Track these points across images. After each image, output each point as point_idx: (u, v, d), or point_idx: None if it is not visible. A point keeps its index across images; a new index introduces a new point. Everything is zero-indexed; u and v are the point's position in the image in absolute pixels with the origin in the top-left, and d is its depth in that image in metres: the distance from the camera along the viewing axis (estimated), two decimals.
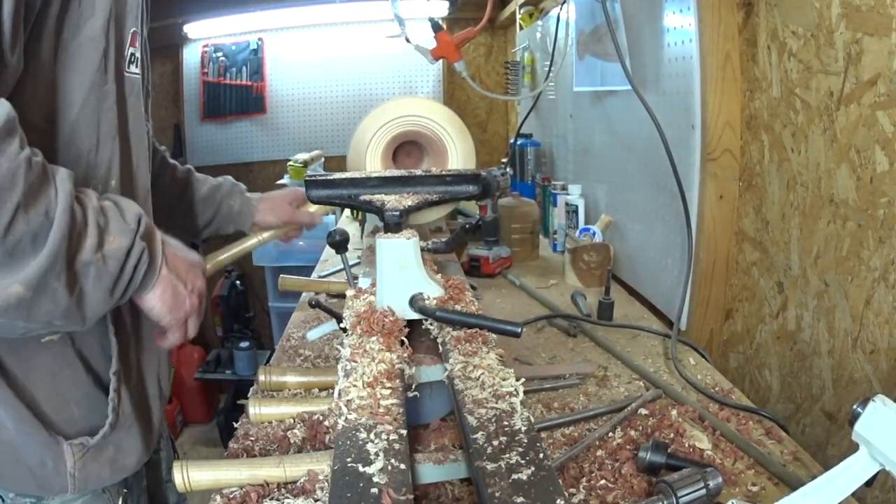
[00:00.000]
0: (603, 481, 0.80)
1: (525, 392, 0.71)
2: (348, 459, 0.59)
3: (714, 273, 1.30)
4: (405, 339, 0.84)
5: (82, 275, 0.61)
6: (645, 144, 1.47)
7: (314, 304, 1.24)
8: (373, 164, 1.28)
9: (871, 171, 0.88)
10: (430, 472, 0.71)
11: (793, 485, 0.77)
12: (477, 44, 3.37)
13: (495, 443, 0.62)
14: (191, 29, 3.44)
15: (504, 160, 2.41)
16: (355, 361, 0.77)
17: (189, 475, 0.75)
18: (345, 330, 0.89)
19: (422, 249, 0.94)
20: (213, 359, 3.29)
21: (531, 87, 2.49)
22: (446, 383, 0.78)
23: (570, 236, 1.72)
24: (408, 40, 1.62)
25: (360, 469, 0.58)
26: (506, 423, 0.65)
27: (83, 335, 0.76)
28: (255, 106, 3.56)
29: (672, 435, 0.90)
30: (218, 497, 0.77)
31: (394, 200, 1.02)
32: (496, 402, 0.69)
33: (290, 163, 2.91)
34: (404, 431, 0.65)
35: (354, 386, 0.72)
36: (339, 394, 0.71)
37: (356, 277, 1.07)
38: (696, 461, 0.82)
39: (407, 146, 1.41)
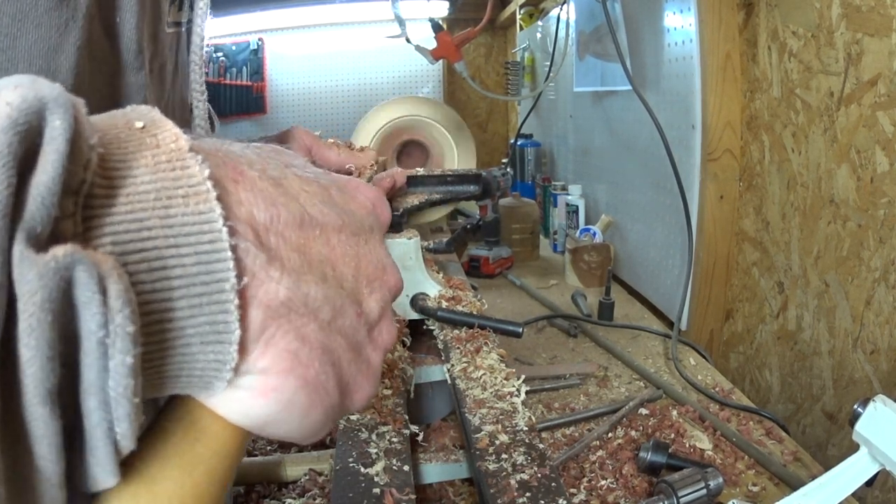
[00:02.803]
0: (604, 481, 0.81)
1: (526, 392, 0.71)
2: (350, 459, 0.60)
3: (714, 273, 1.30)
4: (406, 339, 0.84)
5: None
6: (645, 145, 1.48)
7: None
8: None
9: (872, 172, 0.88)
10: (431, 472, 0.71)
11: (793, 485, 0.78)
12: (477, 44, 3.37)
13: (497, 443, 0.62)
14: None
15: (504, 160, 2.41)
16: None
17: None
18: None
19: (423, 249, 0.94)
20: None
21: (531, 87, 2.49)
22: (448, 383, 0.79)
23: (570, 236, 1.72)
24: (408, 41, 1.62)
25: (362, 469, 0.58)
26: (507, 423, 0.65)
27: None
28: (256, 106, 3.56)
29: (673, 435, 0.90)
30: None
31: (395, 200, 1.02)
32: (498, 402, 0.69)
33: None
34: (406, 431, 0.65)
35: None
36: None
37: None
38: (697, 461, 0.82)
39: (408, 146, 1.42)
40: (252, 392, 0.24)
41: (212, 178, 0.23)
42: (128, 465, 0.23)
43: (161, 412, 0.26)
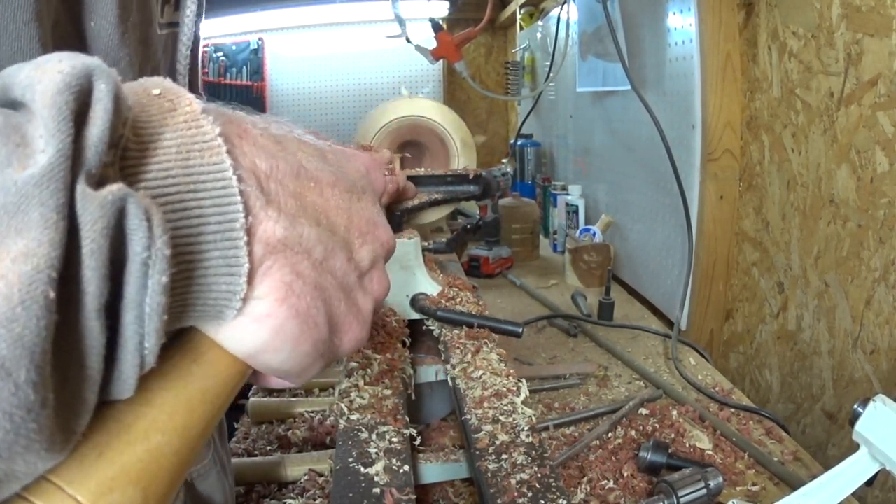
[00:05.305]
0: (604, 481, 0.81)
1: (526, 392, 0.71)
2: (350, 459, 0.60)
3: (714, 273, 1.30)
4: (406, 339, 0.84)
5: None
6: (645, 145, 1.48)
7: None
8: None
9: (872, 172, 0.88)
10: (431, 472, 0.71)
11: (793, 485, 0.78)
12: (477, 44, 3.37)
13: (497, 442, 0.62)
14: None
15: (504, 160, 2.41)
16: (357, 361, 0.77)
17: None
18: None
19: (423, 249, 0.94)
20: None
21: (531, 87, 2.49)
22: (448, 383, 0.79)
23: (570, 236, 1.72)
24: (408, 41, 1.62)
25: (362, 469, 0.58)
26: (507, 422, 0.65)
27: None
28: (256, 106, 3.55)
29: (673, 435, 0.90)
30: None
31: (398, 203, 1.02)
32: (497, 402, 0.69)
33: None
34: (406, 431, 0.65)
35: (356, 386, 0.72)
36: (341, 394, 0.71)
37: None
38: (697, 461, 0.82)
39: (408, 146, 1.42)
40: (248, 318, 0.27)
41: (221, 134, 0.26)
42: None
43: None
